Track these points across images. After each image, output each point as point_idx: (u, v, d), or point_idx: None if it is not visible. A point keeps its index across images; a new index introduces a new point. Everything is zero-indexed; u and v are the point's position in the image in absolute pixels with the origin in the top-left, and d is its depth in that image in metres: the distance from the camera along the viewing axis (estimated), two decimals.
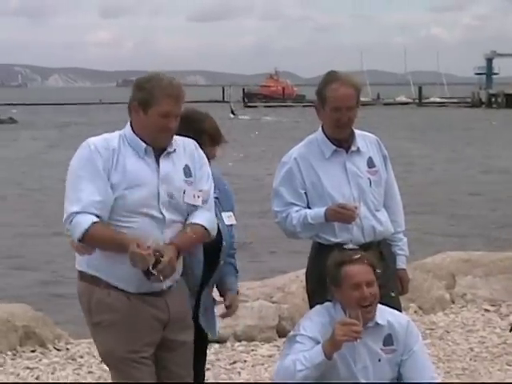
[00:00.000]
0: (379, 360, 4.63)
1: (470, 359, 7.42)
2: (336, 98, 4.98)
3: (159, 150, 4.37)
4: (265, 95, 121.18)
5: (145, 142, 4.34)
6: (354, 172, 5.07)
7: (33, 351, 7.57)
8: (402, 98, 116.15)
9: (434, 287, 9.06)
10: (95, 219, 4.17)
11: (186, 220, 4.39)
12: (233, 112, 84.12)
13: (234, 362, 7.35)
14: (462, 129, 63.71)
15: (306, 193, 5.07)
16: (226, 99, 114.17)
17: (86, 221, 4.15)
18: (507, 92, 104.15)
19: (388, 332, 4.66)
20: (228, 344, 7.77)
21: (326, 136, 5.08)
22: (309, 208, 5.04)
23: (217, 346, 7.68)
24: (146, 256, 4.09)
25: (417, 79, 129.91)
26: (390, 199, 5.24)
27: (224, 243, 4.79)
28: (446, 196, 27.07)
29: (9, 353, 7.49)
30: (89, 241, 4.21)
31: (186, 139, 4.53)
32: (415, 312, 8.37)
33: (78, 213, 4.17)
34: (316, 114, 5.18)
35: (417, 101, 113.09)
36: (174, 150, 4.41)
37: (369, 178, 5.10)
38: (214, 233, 4.46)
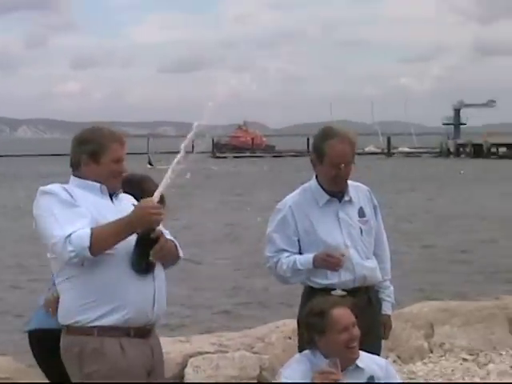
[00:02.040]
0: None
1: None
2: (335, 154, 5.07)
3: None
4: (233, 146, 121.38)
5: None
6: (346, 221, 5.17)
7: None
8: (371, 148, 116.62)
9: (412, 336, 9.05)
10: (88, 226, 4.19)
11: None
12: (150, 163, 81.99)
13: None
14: (430, 179, 64.01)
15: (299, 239, 5.15)
16: (197, 150, 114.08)
17: (84, 231, 4.15)
18: (475, 142, 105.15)
19: (370, 375, 4.68)
20: None
21: (320, 185, 5.18)
22: (301, 253, 5.11)
23: None
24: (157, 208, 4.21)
25: (385, 129, 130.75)
26: (379, 247, 5.35)
27: None
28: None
29: None
30: (97, 243, 4.17)
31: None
32: (394, 361, 8.34)
33: (72, 232, 4.15)
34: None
35: (385, 151, 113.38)
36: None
37: (360, 228, 5.20)
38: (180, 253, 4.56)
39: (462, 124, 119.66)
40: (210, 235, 29.29)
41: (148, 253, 4.26)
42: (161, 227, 4.31)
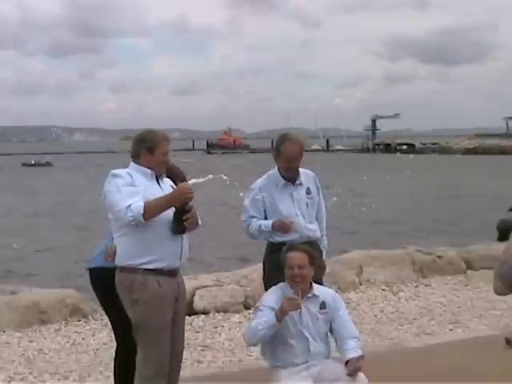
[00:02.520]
0: (317, 319, 4.62)
1: (375, 323, 7.51)
2: (287, 154, 5.07)
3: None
4: (221, 145, 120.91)
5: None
6: (297, 198, 5.15)
7: (78, 321, 7.57)
8: (316, 146, 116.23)
9: (348, 274, 9.12)
10: (142, 201, 4.18)
11: None
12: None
13: (216, 327, 7.36)
14: (355, 167, 64.24)
15: (264, 210, 5.13)
16: (196, 147, 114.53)
17: (140, 203, 4.14)
18: (385, 142, 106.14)
19: (322, 300, 4.66)
20: (211, 315, 7.77)
21: (280, 173, 5.16)
22: (266, 219, 5.11)
23: (203, 316, 7.69)
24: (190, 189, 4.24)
25: (325, 133, 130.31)
26: (320, 214, 5.33)
27: None
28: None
29: (63, 322, 7.51)
30: (148, 212, 4.17)
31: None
32: (336, 291, 8.47)
33: (132, 203, 4.14)
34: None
35: (325, 148, 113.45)
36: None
37: (306, 202, 5.18)
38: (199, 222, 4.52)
39: (377, 130, 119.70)
40: (211, 203, 29.21)
41: (183, 220, 4.26)
42: (192, 202, 4.31)
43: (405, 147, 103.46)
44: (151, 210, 4.18)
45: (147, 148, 4.40)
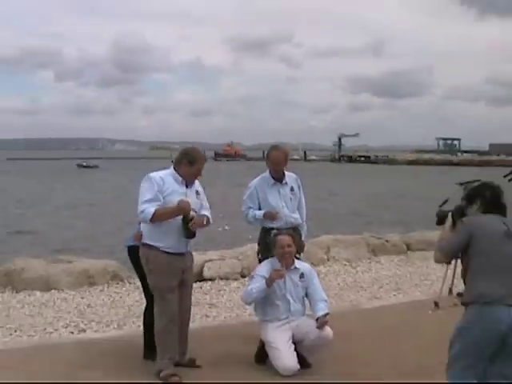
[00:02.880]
0: (297, 286, 4.64)
1: (338, 289, 7.49)
2: (274, 159, 5.02)
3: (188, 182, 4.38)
4: (225, 154, 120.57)
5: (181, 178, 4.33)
6: (283, 194, 5.08)
7: (117, 284, 7.55)
8: (295, 156, 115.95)
9: (318, 252, 9.09)
10: (155, 207, 4.12)
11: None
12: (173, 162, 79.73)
13: (219, 290, 7.33)
14: (325, 173, 64.07)
15: (259, 202, 5.07)
16: (206, 156, 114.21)
17: (150, 210, 4.11)
18: (348, 154, 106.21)
19: (301, 272, 4.67)
20: (216, 281, 7.74)
21: (271, 175, 5.11)
22: (259, 210, 5.06)
23: (210, 282, 7.66)
24: (188, 204, 4.16)
25: (304, 147, 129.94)
26: (300, 207, 5.24)
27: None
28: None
29: (106, 284, 7.49)
30: (156, 218, 4.13)
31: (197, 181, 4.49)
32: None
33: (145, 208, 4.12)
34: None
35: (303, 158, 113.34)
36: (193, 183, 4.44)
37: (290, 197, 5.12)
38: (211, 221, 4.43)
39: (342, 145, 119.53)
40: (219, 197, 28.99)
41: (188, 226, 4.23)
42: (192, 213, 4.24)
43: (362, 158, 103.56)
44: (158, 217, 4.15)
45: (188, 160, 4.32)
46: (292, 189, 5.17)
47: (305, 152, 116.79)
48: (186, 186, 4.34)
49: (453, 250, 3.40)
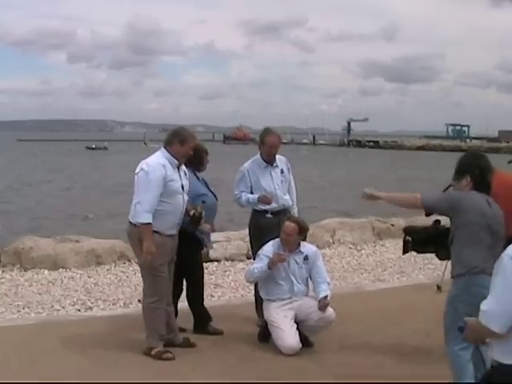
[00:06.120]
0: (301, 267, 4.67)
1: (343, 271, 7.50)
2: (268, 143, 5.02)
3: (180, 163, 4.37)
4: (234, 138, 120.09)
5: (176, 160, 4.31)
6: (275, 176, 5.09)
7: (124, 263, 7.58)
8: (305, 141, 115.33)
9: (324, 235, 9.06)
10: (151, 213, 4.17)
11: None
12: (145, 143, 77.81)
13: (225, 271, 7.37)
14: (333, 159, 63.45)
15: (251, 186, 5.06)
16: (215, 139, 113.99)
17: (147, 216, 4.16)
18: (357, 139, 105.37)
19: (306, 254, 4.69)
20: (222, 262, 7.77)
21: (262, 157, 5.11)
22: (251, 193, 5.05)
23: (216, 263, 7.69)
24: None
25: (313, 131, 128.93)
26: (291, 189, 5.24)
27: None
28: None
29: (113, 263, 7.53)
30: (141, 226, 4.19)
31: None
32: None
33: (141, 212, 4.17)
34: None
35: (312, 142, 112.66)
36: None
37: (281, 180, 5.12)
38: None
39: (351, 129, 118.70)
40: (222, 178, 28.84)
41: (197, 223, 4.50)
42: (199, 208, 4.46)
43: (371, 143, 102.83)
44: (141, 228, 4.18)
45: (179, 140, 4.31)
46: (282, 171, 5.15)
47: (313, 136, 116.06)
48: (178, 170, 4.34)
49: (433, 200, 3.47)
